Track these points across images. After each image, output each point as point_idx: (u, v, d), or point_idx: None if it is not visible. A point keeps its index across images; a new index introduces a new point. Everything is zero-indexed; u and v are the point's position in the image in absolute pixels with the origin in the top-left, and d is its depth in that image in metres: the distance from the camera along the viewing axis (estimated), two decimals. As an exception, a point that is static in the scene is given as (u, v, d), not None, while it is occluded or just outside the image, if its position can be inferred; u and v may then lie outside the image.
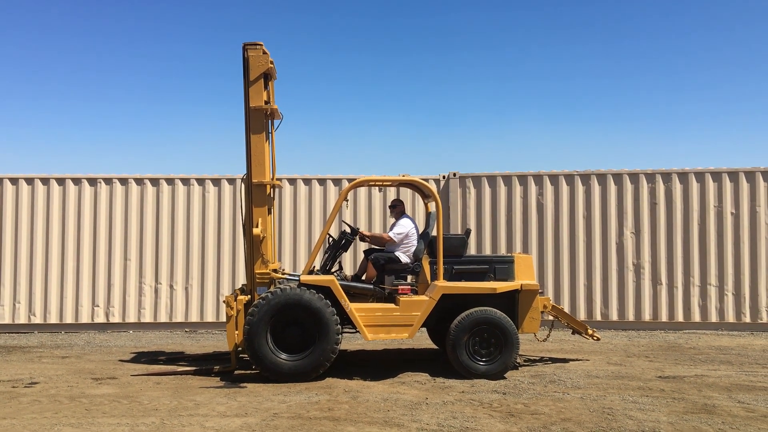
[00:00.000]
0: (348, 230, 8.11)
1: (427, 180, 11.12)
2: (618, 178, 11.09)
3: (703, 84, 26.62)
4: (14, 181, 10.97)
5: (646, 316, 10.86)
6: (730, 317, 10.75)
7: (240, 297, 7.53)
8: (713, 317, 10.77)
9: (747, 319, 10.73)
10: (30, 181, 10.98)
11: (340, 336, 7.16)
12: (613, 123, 27.45)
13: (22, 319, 10.81)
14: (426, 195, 8.53)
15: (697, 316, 10.79)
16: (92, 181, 11.06)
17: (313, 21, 28.08)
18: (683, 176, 10.99)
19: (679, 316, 10.81)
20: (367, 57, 28.67)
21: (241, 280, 10.75)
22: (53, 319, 10.84)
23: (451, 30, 27.74)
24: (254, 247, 7.69)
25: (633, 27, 26.38)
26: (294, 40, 27.41)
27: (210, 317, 10.99)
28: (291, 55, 26.05)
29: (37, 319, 10.83)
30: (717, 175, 10.93)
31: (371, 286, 7.73)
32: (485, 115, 28.97)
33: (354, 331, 7.53)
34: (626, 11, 26.42)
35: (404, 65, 28.41)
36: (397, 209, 8.28)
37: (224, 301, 7.65)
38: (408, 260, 7.87)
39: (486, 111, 28.95)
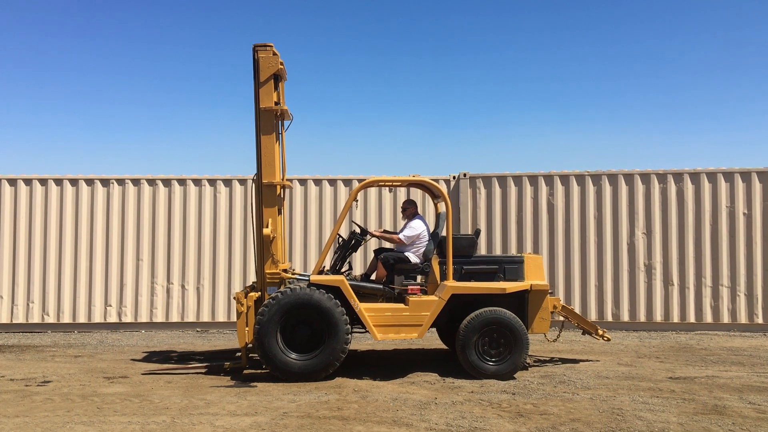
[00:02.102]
0: (358, 230, 8.13)
1: (437, 180, 11.12)
2: (629, 178, 11.04)
3: (715, 83, 26.45)
4: (28, 182, 11.08)
5: (658, 316, 10.81)
6: (743, 318, 10.68)
7: (251, 294, 7.58)
8: (725, 318, 10.70)
9: (760, 320, 10.65)
10: (44, 182, 11.09)
11: (349, 336, 7.18)
12: (624, 123, 27.33)
13: (35, 319, 10.93)
14: (436, 195, 8.53)
15: (709, 317, 10.73)
16: (105, 182, 11.15)
17: (321, 23, 28.16)
18: (695, 176, 10.93)
19: (691, 317, 10.75)
20: (377, 58, 28.71)
21: (252, 279, 10.80)
22: (66, 318, 10.95)
23: (461, 30, 27.73)
24: (264, 247, 7.72)
25: (646, 26, 26.26)
26: (303, 41, 27.50)
27: (221, 317, 11.05)
28: (301, 57, 26.14)
29: (51, 319, 10.93)
30: (729, 176, 10.86)
31: (381, 286, 7.75)
32: (496, 116, 28.92)
33: (363, 331, 7.55)
34: (639, 10, 26.29)
35: (414, 66, 28.42)
36: (409, 211, 8.29)
37: (234, 298, 7.70)
38: (418, 260, 7.88)
39: (497, 111, 28.91)
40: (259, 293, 7.72)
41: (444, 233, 7.76)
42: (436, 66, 28.32)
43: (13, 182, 11.06)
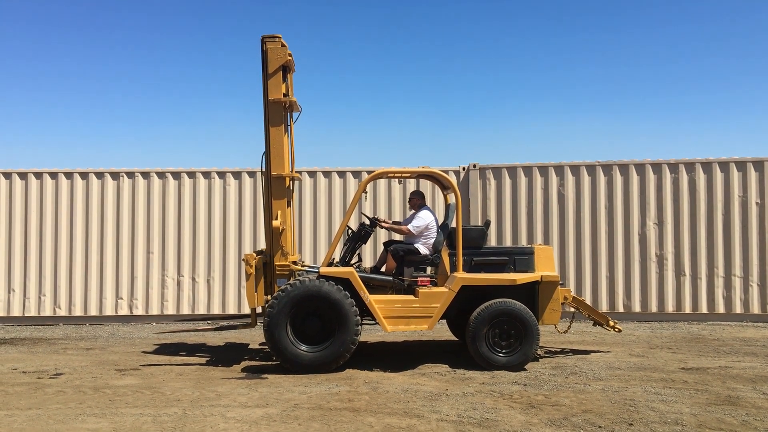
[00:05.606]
0: (367, 222, 8.11)
1: (446, 172, 11.06)
2: (640, 168, 10.95)
3: (727, 71, 26.20)
4: (38, 175, 11.12)
5: (669, 307, 10.74)
6: (755, 308, 10.59)
7: (259, 257, 7.62)
8: (738, 308, 10.62)
9: (773, 310, 10.56)
10: (54, 175, 11.12)
11: (359, 327, 7.17)
12: (635, 113, 27.14)
13: (47, 312, 10.99)
14: (445, 186, 8.50)
15: (721, 308, 10.65)
16: (115, 175, 11.17)
17: (330, 12, 28.08)
18: (707, 166, 10.82)
19: (703, 308, 10.67)
20: (386, 49, 28.61)
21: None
22: (78, 311, 11.00)
23: (470, 20, 27.58)
24: (274, 239, 7.72)
25: (658, 12, 26.02)
26: (312, 31, 27.43)
27: (232, 309, 11.05)
28: (309, 48, 26.08)
29: (62, 312, 10.99)
30: (742, 165, 10.75)
31: (390, 278, 7.74)
32: (506, 106, 28.79)
33: (373, 322, 7.54)
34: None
35: (423, 56, 28.31)
36: (415, 201, 8.26)
37: (243, 259, 7.76)
38: (427, 252, 7.86)
39: (507, 102, 28.77)
40: (268, 258, 7.78)
41: (454, 224, 7.73)
42: (445, 56, 28.20)
43: (23, 176, 11.11)
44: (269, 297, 7.51)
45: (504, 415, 5.44)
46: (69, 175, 11.15)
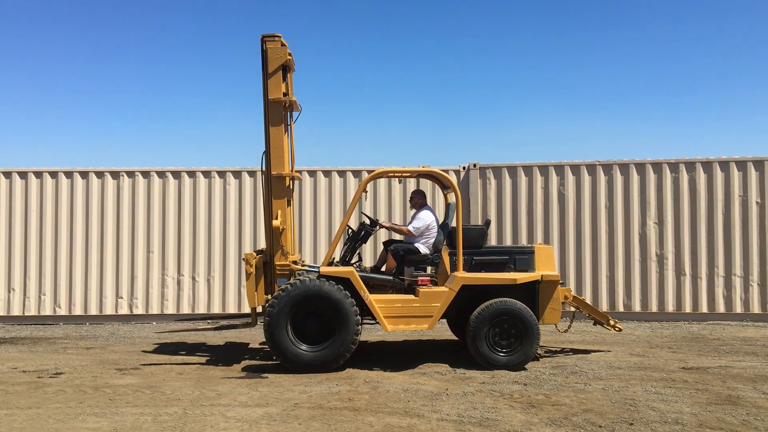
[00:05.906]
0: (367, 221, 8.10)
1: (446, 171, 11.05)
2: (641, 167, 10.94)
3: (727, 71, 26.19)
4: (38, 174, 11.11)
5: (670, 307, 10.74)
6: (756, 308, 10.59)
7: (259, 256, 7.61)
8: (738, 308, 10.61)
9: (773, 309, 10.55)
10: (54, 174, 11.11)
11: (359, 327, 7.17)
12: (635, 113, 27.13)
13: (47, 311, 10.98)
14: (445, 186, 8.49)
15: (721, 307, 10.64)
16: (115, 175, 11.17)
17: (330, 11, 28.06)
18: (707, 165, 10.81)
19: (703, 307, 10.67)
20: (386, 48, 28.60)
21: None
22: (78, 310, 10.99)
23: (471, 19, 27.57)
24: (274, 239, 7.72)
25: (657, 13, 26.01)
26: (312, 31, 27.42)
27: (232, 308, 11.05)
28: (310, 47, 26.07)
29: (62, 311, 10.98)
30: (742, 164, 10.74)
31: (391, 278, 7.73)
32: (506, 106, 28.79)
33: (374, 322, 7.54)
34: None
35: (424, 56, 28.30)
36: (416, 201, 8.26)
37: (244, 259, 7.75)
38: (428, 251, 7.85)
39: (507, 101, 28.77)
40: (268, 258, 7.76)
41: (454, 224, 7.72)
42: (445, 56, 28.19)
43: (23, 175, 11.10)
44: (269, 296, 7.51)
45: (504, 414, 5.44)
46: (69, 174, 11.14)
